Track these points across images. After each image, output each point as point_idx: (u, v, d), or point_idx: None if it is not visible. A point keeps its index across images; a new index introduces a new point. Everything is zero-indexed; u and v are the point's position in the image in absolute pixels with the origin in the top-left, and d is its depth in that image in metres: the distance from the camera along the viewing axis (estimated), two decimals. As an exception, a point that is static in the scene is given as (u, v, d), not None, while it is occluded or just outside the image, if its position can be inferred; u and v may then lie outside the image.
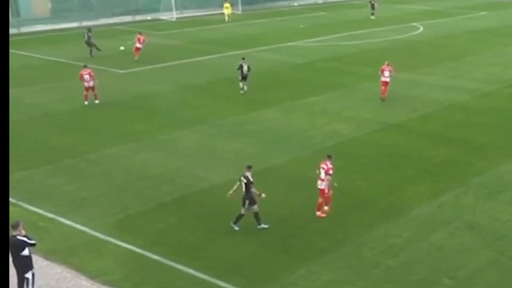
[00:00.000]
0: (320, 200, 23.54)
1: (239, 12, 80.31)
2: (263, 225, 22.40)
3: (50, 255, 20.70)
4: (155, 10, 77.23)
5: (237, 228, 22.24)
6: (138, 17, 75.68)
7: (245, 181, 22.18)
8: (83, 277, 19.41)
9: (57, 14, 72.64)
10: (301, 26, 69.67)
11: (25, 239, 17.29)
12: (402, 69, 46.99)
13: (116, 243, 21.53)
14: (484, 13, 76.33)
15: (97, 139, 31.96)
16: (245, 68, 40.73)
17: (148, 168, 28.10)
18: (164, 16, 76.05)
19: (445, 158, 29.58)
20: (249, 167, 22.60)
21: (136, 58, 50.69)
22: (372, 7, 77.46)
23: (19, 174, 27.44)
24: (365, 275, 19.54)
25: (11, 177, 26.85)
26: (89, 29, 54.06)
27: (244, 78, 40.98)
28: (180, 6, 78.09)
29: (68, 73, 46.38)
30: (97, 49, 52.68)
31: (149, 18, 75.67)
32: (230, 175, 27.26)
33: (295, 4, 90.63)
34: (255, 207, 22.28)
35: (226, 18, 74.54)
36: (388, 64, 39.63)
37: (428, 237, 21.98)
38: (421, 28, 68.27)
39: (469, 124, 34.65)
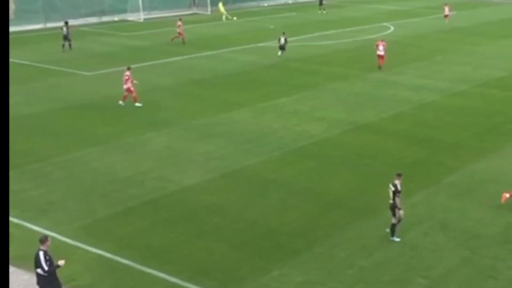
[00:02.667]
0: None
1: (208, 13, 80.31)
2: (395, 238, 21.87)
3: (16, 261, 20.49)
4: (122, 11, 76.77)
5: (398, 240, 21.77)
6: (105, 18, 75.31)
7: (393, 189, 21.65)
8: (51, 283, 19.28)
9: (21, 15, 71.96)
10: (271, 27, 69.70)
11: (41, 257, 17.16)
12: (374, 69, 47.38)
13: (84, 248, 21.41)
14: (454, 12, 76.86)
15: (64, 142, 31.72)
16: (282, 40, 51.41)
17: (117, 171, 27.98)
18: (131, 17, 75.74)
19: (416, 157, 29.82)
20: (399, 175, 21.90)
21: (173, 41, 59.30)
22: (320, 2, 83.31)
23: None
24: (338, 275, 19.63)
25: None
26: (66, 22, 56.30)
27: (281, 48, 51.45)
28: (148, 7, 77.74)
29: (32, 76, 46.16)
30: (64, 46, 55.26)
31: (116, 19, 75.34)
32: (200, 177, 27.38)
33: (265, 4, 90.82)
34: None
35: (224, 17, 76.64)
36: (382, 40, 46.91)
37: (402, 237, 22.08)
38: (392, 28, 68.74)
39: (440, 123, 34.96)
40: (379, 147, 31.15)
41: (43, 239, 17.45)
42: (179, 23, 59.33)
